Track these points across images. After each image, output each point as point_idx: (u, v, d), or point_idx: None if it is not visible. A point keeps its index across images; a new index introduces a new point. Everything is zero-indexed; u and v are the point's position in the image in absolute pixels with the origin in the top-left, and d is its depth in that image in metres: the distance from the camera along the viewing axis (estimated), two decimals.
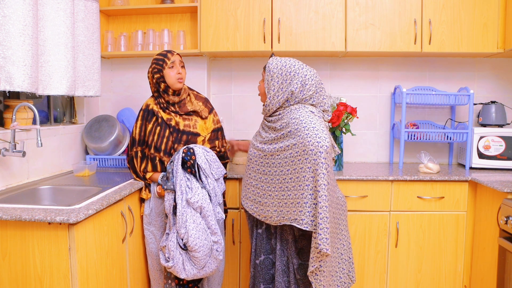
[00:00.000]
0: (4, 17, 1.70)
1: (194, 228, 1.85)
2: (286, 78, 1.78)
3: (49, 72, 2.04)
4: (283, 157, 1.72)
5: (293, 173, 1.68)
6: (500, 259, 2.01)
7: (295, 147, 1.68)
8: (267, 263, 1.93)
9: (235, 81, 2.95)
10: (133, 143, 2.10)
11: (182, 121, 2.07)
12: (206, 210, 1.89)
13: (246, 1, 2.54)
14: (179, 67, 2.05)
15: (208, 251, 1.89)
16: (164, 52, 2.06)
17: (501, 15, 2.48)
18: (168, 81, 2.03)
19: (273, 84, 1.80)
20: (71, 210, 1.53)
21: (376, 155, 2.93)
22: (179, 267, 1.88)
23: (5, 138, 1.91)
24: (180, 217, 1.86)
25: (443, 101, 2.61)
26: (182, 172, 1.92)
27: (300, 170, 1.66)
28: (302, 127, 1.68)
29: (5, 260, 1.52)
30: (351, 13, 2.51)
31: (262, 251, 1.92)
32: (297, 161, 1.67)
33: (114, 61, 2.86)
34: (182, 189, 1.89)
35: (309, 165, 1.63)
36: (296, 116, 1.73)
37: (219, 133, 2.17)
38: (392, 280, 2.40)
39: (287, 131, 1.72)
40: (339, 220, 1.81)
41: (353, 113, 2.46)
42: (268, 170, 1.78)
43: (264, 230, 1.92)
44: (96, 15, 2.43)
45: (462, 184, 2.34)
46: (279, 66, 1.80)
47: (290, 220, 1.69)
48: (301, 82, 1.78)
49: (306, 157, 1.64)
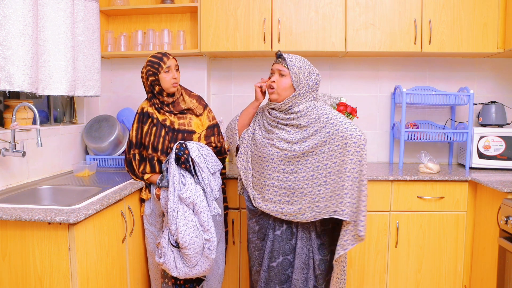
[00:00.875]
0: (4, 17, 1.70)
1: (184, 224, 1.84)
2: (310, 70, 1.85)
3: (49, 72, 2.04)
4: (319, 153, 1.76)
5: (333, 166, 1.74)
6: (500, 259, 2.01)
7: (334, 140, 1.74)
8: (285, 264, 1.90)
9: (235, 81, 2.95)
10: (130, 146, 2.10)
11: (176, 120, 2.07)
12: (198, 207, 1.87)
13: (246, 1, 2.54)
14: (174, 71, 2.04)
15: (199, 249, 1.87)
16: (160, 55, 2.03)
17: (501, 15, 2.48)
18: (163, 85, 2.02)
19: (303, 75, 1.82)
20: (71, 210, 1.53)
21: (376, 155, 2.93)
22: (171, 264, 1.88)
23: (5, 138, 1.91)
24: (171, 213, 1.86)
25: (443, 101, 2.61)
26: (176, 168, 1.92)
27: (341, 163, 1.72)
28: (339, 122, 1.75)
29: (5, 260, 1.52)
30: (351, 13, 2.51)
31: (280, 253, 1.90)
32: (337, 154, 1.73)
33: (114, 61, 2.86)
34: (175, 186, 1.89)
35: (351, 157, 1.71)
36: (324, 112, 1.79)
37: (215, 129, 2.15)
38: (392, 280, 2.40)
39: (320, 126, 1.76)
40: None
41: (353, 113, 2.46)
42: (299, 168, 1.79)
43: (284, 230, 1.89)
44: (96, 15, 2.43)
45: (462, 184, 2.34)
46: (299, 59, 1.85)
47: (329, 213, 1.73)
48: (316, 72, 1.86)
49: (349, 149, 1.71)
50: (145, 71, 2.05)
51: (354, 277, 2.41)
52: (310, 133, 1.78)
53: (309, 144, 1.77)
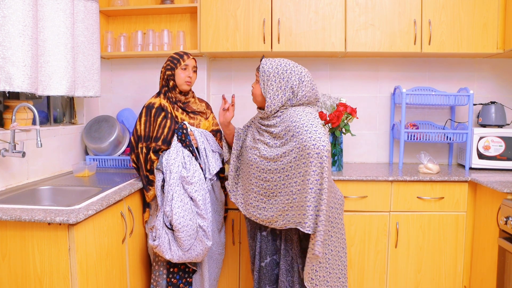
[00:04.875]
0: (4, 18, 1.70)
1: (179, 207, 1.86)
2: (284, 76, 1.78)
3: (48, 72, 2.04)
4: (286, 162, 1.72)
5: (298, 176, 1.68)
6: (500, 260, 2.01)
7: (299, 150, 1.67)
8: (272, 264, 1.92)
9: (235, 81, 2.95)
10: (137, 140, 2.09)
11: (187, 119, 2.13)
12: (197, 189, 1.92)
13: (246, 2, 2.54)
14: (191, 71, 2.13)
15: (192, 232, 1.89)
16: (182, 53, 2.13)
17: (501, 16, 2.48)
18: (177, 81, 2.10)
19: (270, 83, 1.79)
20: (71, 210, 1.53)
21: (375, 156, 2.93)
22: (165, 246, 1.89)
23: (5, 138, 1.91)
24: (166, 195, 1.87)
25: (443, 102, 2.61)
26: (178, 146, 1.97)
27: (305, 173, 1.65)
28: (304, 130, 1.68)
29: (5, 260, 1.52)
30: (351, 13, 2.51)
31: (267, 253, 1.91)
32: (301, 164, 1.66)
33: (114, 62, 2.86)
34: (171, 168, 1.92)
35: (314, 168, 1.63)
36: (296, 120, 1.72)
37: (218, 134, 2.23)
38: (392, 280, 2.40)
39: (290, 135, 1.72)
40: (336, 219, 1.82)
41: (353, 113, 2.46)
42: (271, 176, 1.77)
43: (269, 232, 1.91)
44: (96, 15, 2.43)
45: (461, 185, 2.34)
46: (274, 66, 1.80)
47: (295, 223, 1.69)
48: (299, 79, 1.78)
49: (311, 160, 1.63)
50: (165, 66, 2.14)
51: (354, 277, 2.41)
52: (283, 142, 1.75)
53: (279, 152, 1.74)
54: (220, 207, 2.19)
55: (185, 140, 2.01)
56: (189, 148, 2.01)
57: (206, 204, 1.94)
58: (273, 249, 1.91)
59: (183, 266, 2.05)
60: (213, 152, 2.10)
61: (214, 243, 2.11)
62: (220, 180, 2.23)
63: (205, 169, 2.04)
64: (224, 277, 2.47)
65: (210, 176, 2.04)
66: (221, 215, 2.20)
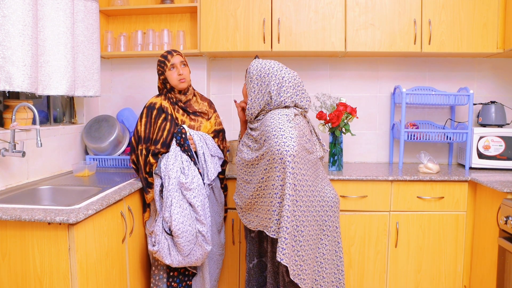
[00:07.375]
0: (3, 17, 1.70)
1: (178, 212, 1.86)
2: (264, 80, 1.79)
3: (48, 72, 2.04)
4: (258, 166, 1.75)
5: (267, 180, 1.69)
6: (500, 259, 2.01)
7: (267, 155, 1.69)
8: (261, 266, 1.94)
9: (235, 81, 2.95)
10: (138, 142, 2.09)
11: (188, 121, 2.10)
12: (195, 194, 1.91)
13: (246, 1, 2.54)
14: (180, 67, 2.07)
15: (191, 238, 1.89)
16: (165, 54, 2.09)
17: (501, 15, 2.48)
18: (171, 82, 2.08)
19: (252, 86, 1.81)
20: (71, 210, 1.53)
21: (375, 155, 2.93)
22: (165, 252, 1.89)
23: (5, 138, 1.91)
24: (165, 200, 1.87)
25: (443, 101, 2.61)
26: (177, 150, 1.96)
27: (270, 179, 1.67)
28: (273, 135, 1.68)
29: (5, 260, 1.52)
30: (351, 13, 2.51)
31: (255, 254, 1.94)
32: (269, 169, 1.68)
33: (114, 61, 2.86)
34: (170, 173, 1.91)
35: (278, 173, 1.64)
36: (268, 124, 1.73)
37: (220, 134, 2.22)
38: (391, 280, 2.40)
39: (263, 140, 1.73)
40: (327, 222, 1.81)
41: (353, 113, 2.46)
42: (250, 178, 1.80)
43: (256, 233, 1.93)
44: (96, 15, 2.43)
45: (461, 184, 2.34)
46: (258, 69, 1.80)
47: (263, 226, 1.72)
48: (278, 84, 1.77)
49: (276, 166, 1.64)
50: (157, 71, 2.12)
51: (354, 277, 2.41)
52: (259, 147, 1.77)
53: (255, 156, 1.76)
54: (220, 208, 2.18)
55: (184, 145, 1.99)
56: (188, 152, 1.99)
57: (205, 210, 1.94)
58: (261, 251, 1.93)
59: (183, 269, 2.05)
60: (212, 157, 2.08)
61: (214, 244, 2.10)
62: (220, 180, 2.22)
63: (204, 174, 2.02)
64: (224, 277, 2.47)
65: (208, 181, 2.03)
66: (221, 216, 2.20)
